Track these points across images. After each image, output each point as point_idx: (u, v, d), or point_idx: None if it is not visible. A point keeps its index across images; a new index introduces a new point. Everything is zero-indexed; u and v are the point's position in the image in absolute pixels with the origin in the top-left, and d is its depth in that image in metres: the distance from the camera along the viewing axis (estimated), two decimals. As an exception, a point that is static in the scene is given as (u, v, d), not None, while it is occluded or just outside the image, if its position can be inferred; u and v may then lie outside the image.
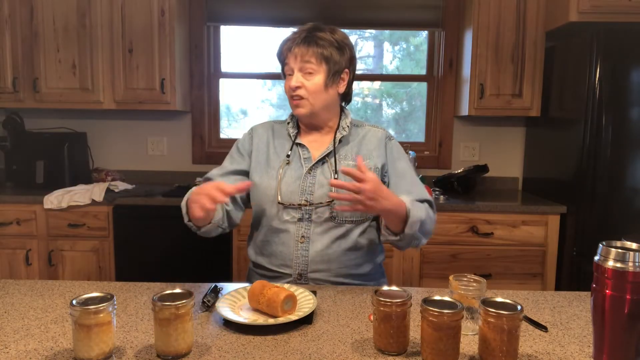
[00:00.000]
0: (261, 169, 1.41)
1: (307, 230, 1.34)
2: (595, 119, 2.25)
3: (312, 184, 1.36)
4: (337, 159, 1.37)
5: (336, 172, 1.36)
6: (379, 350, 0.93)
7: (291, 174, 1.37)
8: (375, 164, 1.38)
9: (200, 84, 3.05)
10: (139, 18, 2.66)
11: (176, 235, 2.50)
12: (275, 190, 1.36)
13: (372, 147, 1.41)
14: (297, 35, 1.35)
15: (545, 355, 0.93)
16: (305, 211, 1.34)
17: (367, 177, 1.13)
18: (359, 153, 1.39)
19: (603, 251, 0.86)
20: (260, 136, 1.48)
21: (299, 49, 1.33)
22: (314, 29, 1.36)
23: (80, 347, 0.86)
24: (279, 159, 1.41)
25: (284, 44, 1.37)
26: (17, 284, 1.26)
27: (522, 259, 2.47)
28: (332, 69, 1.35)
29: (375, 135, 1.43)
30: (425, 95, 3.14)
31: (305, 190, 1.35)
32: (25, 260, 2.51)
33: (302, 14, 2.99)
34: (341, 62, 1.37)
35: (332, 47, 1.34)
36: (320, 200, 1.34)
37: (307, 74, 1.34)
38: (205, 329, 1.02)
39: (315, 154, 1.39)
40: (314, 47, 1.33)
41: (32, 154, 2.71)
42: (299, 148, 1.41)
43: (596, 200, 2.29)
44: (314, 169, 1.37)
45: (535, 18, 2.62)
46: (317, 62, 1.33)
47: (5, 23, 2.66)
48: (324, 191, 1.34)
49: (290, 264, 1.35)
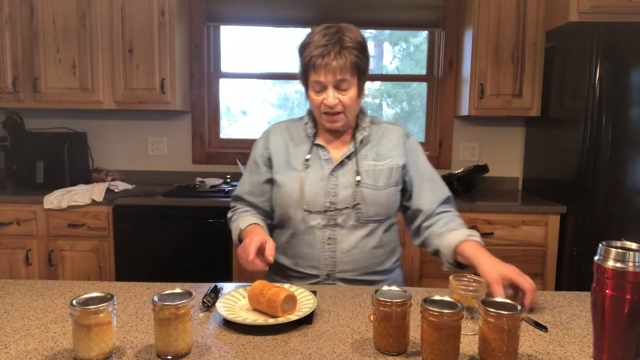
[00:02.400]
0: (283, 170, 1.39)
1: (333, 231, 1.34)
2: (595, 119, 2.25)
3: (336, 185, 1.35)
4: (358, 160, 1.37)
5: (358, 173, 1.34)
6: (379, 350, 0.93)
7: (314, 176, 1.36)
8: (396, 163, 1.38)
9: (200, 84, 3.05)
10: (139, 18, 2.66)
11: (176, 235, 2.51)
12: (298, 194, 1.35)
13: (391, 146, 1.40)
14: (329, 49, 1.25)
15: (545, 355, 0.93)
16: (330, 215, 1.34)
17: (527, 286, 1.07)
18: (378, 152, 1.39)
19: (603, 251, 0.86)
20: (276, 139, 1.44)
21: (337, 63, 1.25)
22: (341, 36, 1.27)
23: (80, 347, 0.86)
24: (299, 160, 1.39)
25: (317, 58, 1.26)
26: (17, 284, 1.26)
27: (522, 259, 2.47)
28: (362, 77, 1.33)
29: (394, 133, 1.42)
30: (425, 95, 3.14)
31: (329, 193, 1.34)
32: (25, 260, 2.51)
33: (302, 14, 2.99)
34: (366, 65, 1.34)
35: (360, 53, 1.29)
36: (344, 202, 1.33)
37: (341, 89, 1.30)
38: (205, 329, 1.02)
39: (335, 155, 1.39)
40: (349, 58, 1.26)
41: (32, 154, 2.71)
42: (318, 149, 1.40)
43: (596, 200, 2.29)
44: (336, 171, 1.36)
45: (535, 18, 2.62)
46: (351, 75, 1.29)
47: (5, 23, 2.66)
48: (348, 193, 1.33)
49: (318, 265, 1.35)
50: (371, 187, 1.34)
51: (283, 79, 3.20)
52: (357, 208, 1.33)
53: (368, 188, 1.34)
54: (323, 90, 1.30)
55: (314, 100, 1.33)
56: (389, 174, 1.36)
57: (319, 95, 1.31)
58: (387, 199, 1.36)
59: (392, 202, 1.38)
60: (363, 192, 1.33)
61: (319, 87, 1.31)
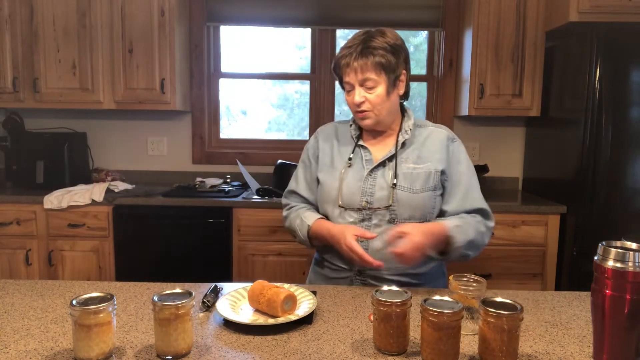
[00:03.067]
0: (326, 169, 1.44)
1: (368, 229, 1.36)
2: (595, 119, 2.25)
3: (373, 185, 1.37)
4: (397, 162, 1.38)
5: (396, 175, 1.36)
6: (379, 350, 0.93)
7: (353, 176, 1.39)
8: (435, 167, 1.37)
9: (200, 84, 3.05)
10: (139, 18, 2.66)
11: (176, 235, 2.51)
12: (337, 192, 1.39)
13: (434, 149, 1.40)
14: (352, 50, 1.33)
15: (545, 355, 0.93)
16: (365, 214, 1.36)
17: (403, 247, 1.20)
18: (420, 155, 1.39)
19: (603, 251, 0.86)
20: (325, 138, 1.51)
21: (357, 63, 1.32)
22: (367, 38, 1.33)
23: (80, 347, 0.86)
24: (342, 160, 1.43)
25: (340, 59, 1.35)
26: (17, 284, 1.26)
27: (522, 259, 2.47)
28: (391, 76, 1.35)
29: (438, 137, 1.42)
30: (425, 95, 3.14)
31: (366, 192, 1.37)
32: (25, 260, 2.51)
33: (302, 14, 2.99)
34: (398, 65, 1.36)
35: (387, 53, 1.33)
36: (380, 203, 1.35)
37: (367, 88, 1.34)
38: (205, 329, 1.02)
39: (377, 156, 1.41)
40: (372, 59, 1.31)
41: (32, 154, 2.71)
42: (361, 150, 1.43)
43: (596, 200, 2.29)
44: (375, 171, 1.38)
45: (535, 18, 2.62)
46: (376, 74, 1.32)
47: (5, 23, 2.66)
48: (384, 194, 1.35)
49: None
50: (407, 190, 1.35)
51: (283, 79, 3.20)
52: (391, 209, 1.35)
53: (404, 191, 1.35)
54: (352, 90, 1.37)
55: (347, 100, 1.40)
56: (427, 177, 1.37)
57: (350, 94, 1.38)
58: (423, 203, 1.36)
59: (428, 207, 1.37)
60: (398, 195, 1.34)
61: (348, 87, 1.38)
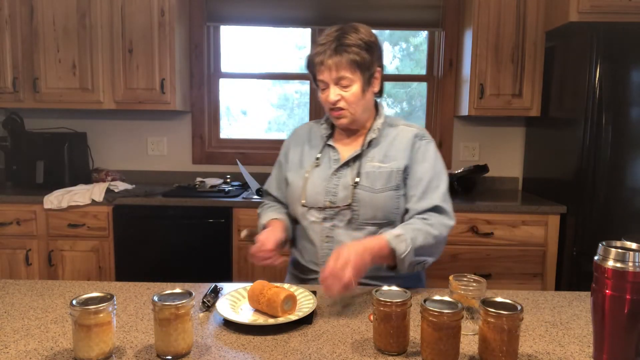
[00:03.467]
0: (295, 169, 1.45)
1: (331, 230, 1.35)
2: (595, 119, 2.25)
3: (337, 185, 1.36)
4: (362, 162, 1.36)
5: (359, 174, 1.35)
6: (379, 350, 0.93)
7: (318, 175, 1.39)
8: (398, 166, 1.35)
9: (200, 84, 3.05)
10: (138, 18, 2.66)
11: (176, 235, 2.50)
12: (301, 190, 1.39)
13: (401, 147, 1.38)
14: (326, 47, 1.30)
15: (545, 355, 0.93)
16: (328, 213, 1.35)
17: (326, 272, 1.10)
18: (387, 154, 1.37)
19: (603, 251, 0.86)
20: (297, 138, 1.51)
21: (332, 61, 1.29)
22: (341, 35, 1.30)
23: (80, 347, 0.86)
24: (311, 159, 1.43)
25: (314, 57, 1.33)
26: (17, 284, 1.26)
27: (522, 259, 2.47)
28: (366, 74, 1.33)
29: (406, 135, 1.40)
30: (425, 95, 3.14)
31: (330, 192, 1.36)
32: (25, 260, 2.51)
33: (302, 14, 2.99)
34: (372, 62, 1.34)
35: (362, 51, 1.30)
36: (342, 202, 1.34)
37: (342, 86, 1.32)
38: (205, 329, 1.02)
39: (345, 155, 1.39)
40: (346, 56, 1.29)
41: (32, 154, 2.71)
42: (329, 149, 1.42)
43: (596, 200, 2.29)
44: (341, 171, 1.37)
45: (535, 18, 2.62)
46: (351, 72, 1.30)
47: (5, 23, 2.66)
48: (347, 193, 1.34)
49: (318, 262, 1.37)
50: (368, 190, 1.33)
51: (283, 79, 3.20)
52: (353, 209, 1.33)
53: (365, 190, 1.33)
54: (327, 88, 1.34)
55: (321, 98, 1.38)
56: (389, 176, 1.35)
57: (324, 93, 1.36)
58: (384, 203, 1.33)
59: (391, 207, 1.35)
60: (359, 194, 1.33)
61: (323, 85, 1.35)
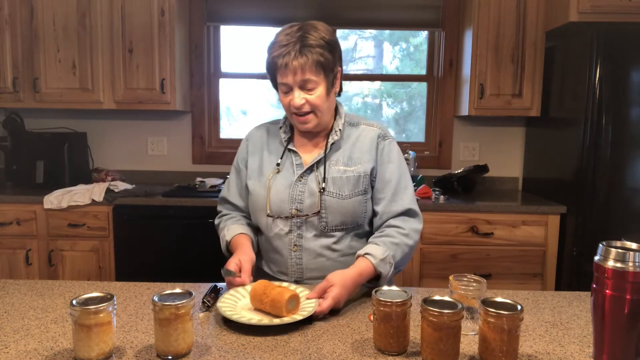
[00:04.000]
0: (255, 176, 1.37)
1: (299, 239, 1.31)
2: (595, 119, 2.25)
3: (302, 192, 1.30)
4: (327, 166, 1.31)
5: (325, 180, 1.29)
6: (379, 350, 0.93)
7: (282, 182, 1.32)
8: (365, 170, 1.32)
9: (200, 84, 3.05)
10: (139, 18, 2.66)
11: (176, 235, 2.50)
12: (265, 199, 1.32)
13: (365, 149, 1.34)
14: (289, 48, 1.23)
15: (545, 355, 0.93)
16: (295, 222, 1.30)
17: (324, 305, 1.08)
18: (351, 157, 1.33)
19: (603, 251, 0.86)
20: (254, 142, 1.43)
21: (297, 62, 1.22)
22: (303, 35, 1.24)
23: (80, 347, 0.86)
24: (271, 165, 1.36)
25: (277, 59, 1.24)
26: (17, 284, 1.26)
27: (522, 259, 2.47)
28: (330, 75, 1.28)
29: (369, 135, 1.36)
30: (425, 95, 3.14)
31: (295, 199, 1.30)
32: (25, 260, 2.51)
33: (302, 14, 2.98)
34: (335, 62, 1.29)
35: (325, 51, 1.25)
36: (309, 210, 1.29)
37: (307, 89, 1.26)
38: (205, 329, 1.02)
39: (308, 160, 1.34)
40: (311, 57, 1.22)
41: (32, 154, 2.71)
42: (291, 154, 1.36)
43: (596, 200, 2.29)
44: (305, 176, 1.32)
45: (535, 18, 2.62)
46: (316, 74, 1.24)
47: (5, 23, 2.66)
48: (314, 200, 1.29)
49: (287, 272, 1.33)
50: (336, 196, 1.28)
51: (283, 79, 3.19)
52: (320, 216, 1.28)
53: (332, 197, 1.28)
54: (290, 92, 1.27)
55: (283, 102, 1.31)
56: (356, 181, 1.30)
57: (287, 96, 1.29)
58: (353, 209, 1.30)
59: (359, 212, 1.31)
60: (326, 201, 1.28)
61: (285, 88, 1.28)
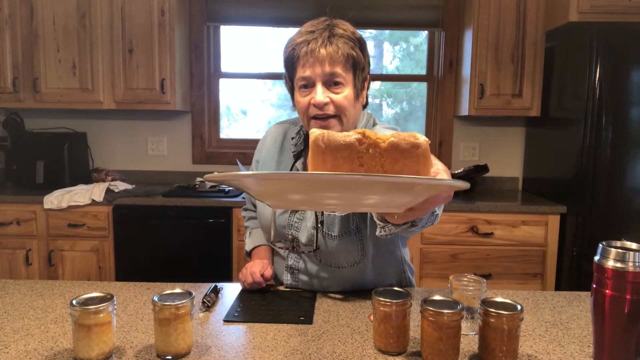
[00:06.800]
0: None
1: (297, 262, 1.22)
2: (595, 119, 2.25)
3: (300, 220, 1.18)
4: None
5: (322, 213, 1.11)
6: (379, 350, 0.93)
7: None
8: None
9: (200, 84, 3.05)
10: (139, 18, 2.66)
11: (176, 235, 2.50)
12: (268, 223, 1.21)
13: None
14: (316, 35, 1.04)
15: (545, 355, 0.93)
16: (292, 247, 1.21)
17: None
18: None
19: (603, 251, 0.86)
20: (268, 148, 1.29)
21: (325, 51, 1.02)
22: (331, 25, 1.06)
23: (80, 347, 0.86)
24: None
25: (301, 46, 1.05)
26: (17, 284, 1.26)
27: (522, 259, 2.47)
28: (360, 76, 1.08)
29: None
30: (425, 95, 3.14)
31: (292, 226, 1.19)
32: (25, 260, 2.51)
33: (302, 14, 2.99)
34: (365, 64, 1.10)
35: (356, 46, 1.06)
36: (307, 248, 1.16)
37: (333, 86, 1.05)
38: (205, 329, 1.02)
39: None
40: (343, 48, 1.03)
41: (32, 154, 2.71)
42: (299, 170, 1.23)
43: (596, 200, 2.29)
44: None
45: (535, 18, 2.62)
46: (345, 69, 1.04)
47: (5, 23, 2.66)
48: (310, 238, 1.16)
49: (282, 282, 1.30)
50: (327, 236, 1.14)
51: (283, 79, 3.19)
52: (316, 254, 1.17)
53: (325, 236, 1.14)
54: (311, 87, 1.06)
55: (300, 103, 1.08)
56: (346, 218, 1.14)
57: (306, 94, 1.07)
58: (345, 248, 1.14)
59: (354, 251, 1.15)
60: (321, 239, 1.12)
61: (305, 83, 1.06)
